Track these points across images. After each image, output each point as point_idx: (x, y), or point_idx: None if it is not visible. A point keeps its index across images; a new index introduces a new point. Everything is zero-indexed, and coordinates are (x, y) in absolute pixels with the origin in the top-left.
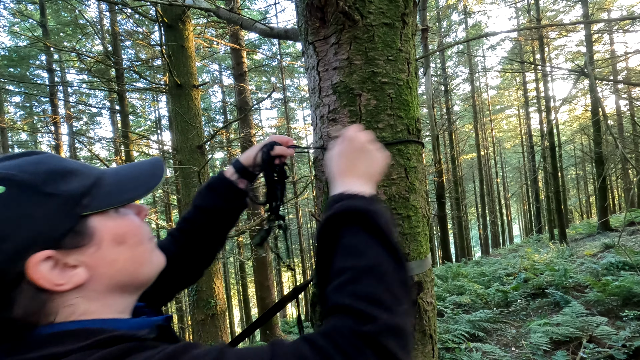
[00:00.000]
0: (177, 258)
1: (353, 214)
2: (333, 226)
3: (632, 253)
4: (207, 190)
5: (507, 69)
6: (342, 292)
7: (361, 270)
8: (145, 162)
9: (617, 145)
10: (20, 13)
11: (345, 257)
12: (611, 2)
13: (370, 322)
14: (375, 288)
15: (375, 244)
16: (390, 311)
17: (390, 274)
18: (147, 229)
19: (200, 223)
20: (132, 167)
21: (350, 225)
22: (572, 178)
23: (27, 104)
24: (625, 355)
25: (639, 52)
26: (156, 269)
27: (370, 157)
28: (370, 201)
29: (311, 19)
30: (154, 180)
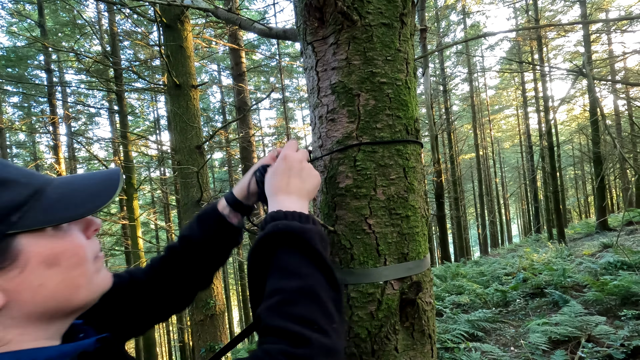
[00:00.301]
0: (150, 287)
1: (287, 234)
2: (267, 246)
3: (630, 252)
4: (196, 222)
5: (505, 69)
6: (276, 313)
7: (295, 292)
8: (98, 174)
9: (615, 145)
10: (18, 13)
11: (279, 278)
12: (609, 2)
13: (304, 345)
14: (309, 310)
15: (309, 265)
16: (325, 333)
17: (324, 295)
18: (92, 247)
19: (183, 255)
20: (83, 178)
21: (284, 246)
22: (571, 178)
23: (25, 104)
24: (623, 354)
25: (637, 52)
26: (97, 292)
27: (303, 175)
28: (305, 220)
29: (310, 19)
30: (103, 198)
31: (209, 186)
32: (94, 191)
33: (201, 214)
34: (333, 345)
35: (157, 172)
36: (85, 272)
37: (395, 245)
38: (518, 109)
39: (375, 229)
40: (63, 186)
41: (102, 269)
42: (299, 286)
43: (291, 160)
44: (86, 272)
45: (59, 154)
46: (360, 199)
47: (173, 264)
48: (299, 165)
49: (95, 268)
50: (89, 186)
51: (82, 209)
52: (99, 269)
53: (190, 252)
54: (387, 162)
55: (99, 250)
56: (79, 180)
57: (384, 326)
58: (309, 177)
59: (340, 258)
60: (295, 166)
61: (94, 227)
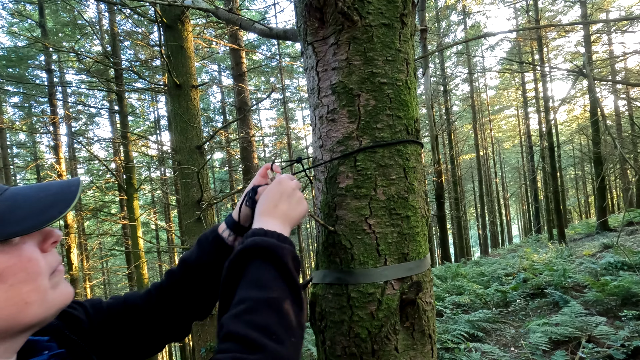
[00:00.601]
0: (146, 313)
1: (262, 249)
2: (242, 259)
3: (630, 253)
4: (196, 245)
5: (506, 70)
6: (238, 320)
7: (260, 302)
8: (55, 185)
9: (616, 146)
10: (19, 13)
11: (247, 288)
12: (610, 2)
13: (258, 351)
14: (270, 320)
15: (279, 280)
16: (282, 343)
17: (288, 309)
18: (48, 261)
19: (181, 278)
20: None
21: (257, 259)
22: (571, 178)
23: (26, 104)
24: (624, 354)
25: (637, 52)
26: (53, 308)
27: (292, 203)
28: (282, 240)
29: (310, 19)
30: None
31: (209, 186)
32: (46, 203)
33: (201, 238)
34: (289, 356)
35: (157, 172)
36: (37, 288)
37: (396, 246)
38: (518, 109)
39: (376, 229)
40: (13, 198)
41: (61, 284)
42: (265, 297)
43: (285, 186)
44: (38, 288)
45: (59, 154)
46: (360, 199)
47: (171, 289)
48: (291, 192)
49: (51, 283)
50: (42, 198)
51: (29, 223)
52: (57, 283)
53: (189, 275)
54: (388, 162)
55: (58, 264)
56: (33, 192)
57: (384, 326)
58: (297, 205)
59: (341, 258)
60: (286, 192)
61: (53, 239)
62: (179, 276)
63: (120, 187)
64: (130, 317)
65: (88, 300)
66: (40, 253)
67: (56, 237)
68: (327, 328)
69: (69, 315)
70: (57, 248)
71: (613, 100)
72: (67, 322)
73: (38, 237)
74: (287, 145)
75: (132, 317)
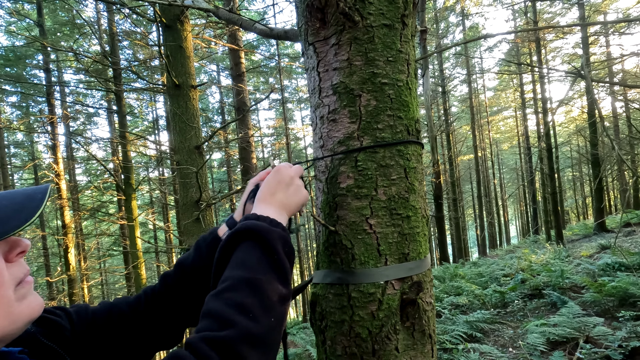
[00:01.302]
0: (135, 319)
1: (252, 232)
2: (232, 242)
3: (628, 254)
4: (194, 247)
5: (504, 71)
6: (217, 298)
7: (241, 281)
8: (21, 193)
9: (614, 147)
10: (17, 12)
11: (232, 268)
12: (607, 4)
13: (229, 327)
14: (248, 299)
15: (265, 262)
16: (256, 320)
17: (270, 290)
18: (14, 272)
19: (176, 280)
20: (1, 197)
21: (246, 240)
22: (569, 179)
23: (24, 103)
24: (621, 355)
25: (635, 54)
26: (19, 321)
27: (290, 191)
28: (275, 225)
29: (311, 19)
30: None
31: (208, 186)
32: (8, 213)
33: (199, 240)
34: (261, 334)
35: (155, 172)
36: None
37: (396, 246)
38: (517, 110)
39: (376, 229)
40: None
41: (29, 296)
42: (247, 277)
43: (283, 174)
44: (0, 300)
45: (57, 153)
46: (361, 199)
47: (165, 293)
48: (289, 181)
49: (17, 295)
50: (4, 207)
51: None
52: (24, 295)
53: (184, 278)
54: (388, 163)
55: (25, 275)
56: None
57: (384, 326)
58: (295, 194)
59: (342, 258)
60: (284, 180)
61: (20, 249)
62: (174, 280)
63: (119, 187)
64: (115, 324)
65: (74, 305)
66: (5, 263)
67: (23, 247)
68: (327, 328)
69: (48, 322)
70: (54, 248)
71: (610, 101)
72: (46, 329)
73: (3, 247)
74: (286, 146)
75: (118, 324)
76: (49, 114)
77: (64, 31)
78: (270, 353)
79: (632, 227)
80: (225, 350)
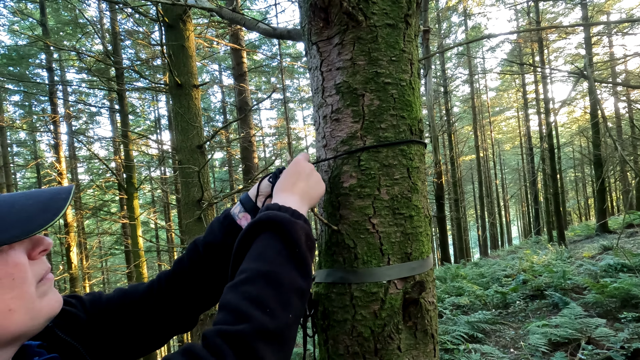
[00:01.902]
0: (146, 305)
1: (272, 222)
2: (252, 232)
3: (630, 255)
4: (208, 227)
5: (506, 71)
6: (234, 290)
7: (259, 274)
8: (45, 193)
9: (617, 148)
10: (20, 12)
11: (251, 259)
12: (610, 4)
13: (244, 321)
14: (264, 292)
15: (284, 254)
16: (272, 316)
17: (289, 284)
18: (36, 269)
19: (189, 262)
20: (28, 197)
21: (267, 231)
22: (571, 180)
23: (27, 102)
24: (623, 357)
25: (638, 54)
26: (41, 317)
27: (311, 181)
28: (297, 216)
29: (315, 19)
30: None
31: (210, 186)
32: (33, 212)
33: (212, 221)
34: (276, 329)
35: (157, 172)
36: (21, 295)
37: (399, 245)
38: (519, 110)
39: (379, 228)
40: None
41: (50, 293)
42: (264, 270)
43: (302, 166)
44: (23, 295)
45: (59, 152)
46: (364, 198)
47: (180, 274)
48: (309, 171)
49: (39, 292)
50: (29, 206)
51: (14, 232)
52: (45, 292)
53: (198, 257)
54: (391, 162)
55: (47, 272)
56: (22, 199)
57: (387, 325)
58: (316, 185)
59: (344, 257)
60: (304, 171)
61: (42, 247)
62: (188, 262)
63: (120, 186)
64: (129, 309)
65: (88, 293)
66: (28, 260)
67: (46, 246)
68: (329, 327)
69: (64, 313)
70: (57, 247)
71: (613, 102)
72: (62, 320)
73: (27, 245)
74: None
75: (132, 310)
76: (52, 113)
77: (67, 30)
78: (286, 349)
79: (635, 228)
80: (239, 345)
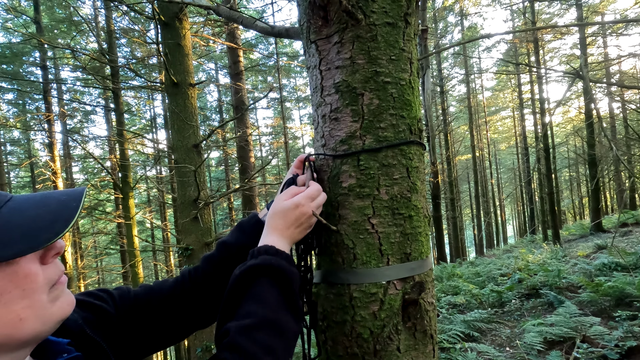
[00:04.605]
0: (178, 300)
1: (274, 269)
2: (253, 274)
3: (624, 254)
4: (236, 228)
5: (502, 71)
6: (244, 333)
7: (266, 320)
8: (55, 198)
9: (612, 147)
10: (14, 9)
11: (255, 303)
12: (605, 5)
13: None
14: (273, 340)
15: (284, 303)
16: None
17: (289, 333)
18: (48, 274)
19: (221, 260)
20: (36, 205)
21: (267, 277)
22: (566, 179)
23: (20, 101)
24: (618, 355)
25: (632, 55)
26: (52, 322)
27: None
28: (290, 263)
29: (314, 17)
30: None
31: (206, 185)
32: (43, 223)
33: (242, 222)
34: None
35: (153, 171)
36: (33, 304)
37: (398, 245)
38: (514, 110)
39: (378, 228)
40: (10, 215)
41: (62, 296)
42: (270, 318)
43: (303, 211)
44: (34, 304)
45: (54, 151)
46: (363, 198)
47: (210, 271)
48: (305, 220)
49: (50, 297)
50: (39, 216)
51: (24, 245)
52: (57, 296)
53: (229, 256)
54: (391, 162)
55: (59, 276)
56: (32, 207)
57: (386, 326)
58: (305, 230)
59: (343, 258)
60: (301, 218)
61: (55, 251)
62: (219, 259)
63: (116, 186)
64: (156, 305)
65: (117, 288)
66: (40, 266)
67: (58, 249)
68: (328, 328)
69: (94, 308)
70: None
71: (608, 102)
72: (93, 315)
73: (39, 250)
74: (284, 145)
75: (159, 306)
76: (46, 111)
77: (62, 28)
78: None
79: (629, 227)
80: None
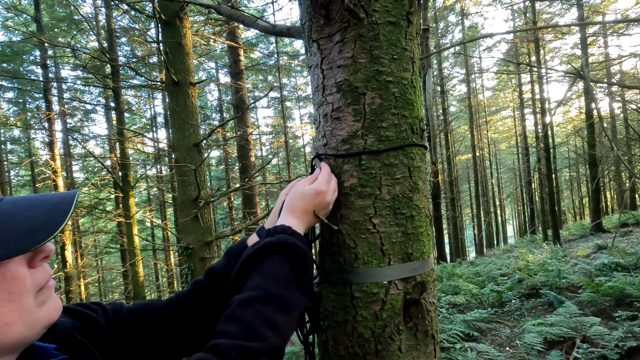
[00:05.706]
0: (165, 322)
1: (288, 247)
2: (266, 250)
3: (624, 254)
4: (225, 255)
5: (503, 71)
6: (248, 306)
7: (272, 295)
8: (47, 201)
9: (613, 147)
10: (14, 8)
11: (264, 277)
12: (606, 5)
13: (259, 340)
14: (277, 316)
15: (294, 281)
16: (281, 337)
17: (295, 309)
18: (36, 278)
19: (210, 287)
20: (28, 207)
21: (281, 254)
22: (566, 180)
23: (21, 99)
24: (617, 355)
25: (633, 55)
26: (38, 327)
27: (320, 211)
28: (307, 245)
29: (315, 16)
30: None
31: (206, 184)
32: (34, 225)
33: (229, 249)
34: (281, 347)
35: (153, 170)
36: (18, 308)
37: (400, 245)
38: (515, 110)
39: (380, 228)
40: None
41: (49, 301)
42: (277, 293)
43: (323, 199)
44: (20, 308)
45: (54, 150)
46: (365, 198)
47: (198, 297)
48: (326, 206)
49: (37, 301)
50: (30, 218)
51: (13, 247)
52: (44, 301)
53: (217, 283)
54: (393, 162)
55: (47, 280)
56: (24, 209)
57: (387, 326)
58: (322, 212)
59: (345, 257)
60: (320, 205)
61: (43, 254)
62: (206, 285)
63: (116, 185)
64: (149, 324)
65: (110, 303)
66: (28, 269)
67: (47, 253)
68: (330, 328)
69: (85, 317)
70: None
71: (608, 102)
72: (83, 323)
73: (27, 254)
74: (285, 144)
75: (151, 325)
76: (46, 110)
77: (62, 27)
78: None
79: (629, 228)
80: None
